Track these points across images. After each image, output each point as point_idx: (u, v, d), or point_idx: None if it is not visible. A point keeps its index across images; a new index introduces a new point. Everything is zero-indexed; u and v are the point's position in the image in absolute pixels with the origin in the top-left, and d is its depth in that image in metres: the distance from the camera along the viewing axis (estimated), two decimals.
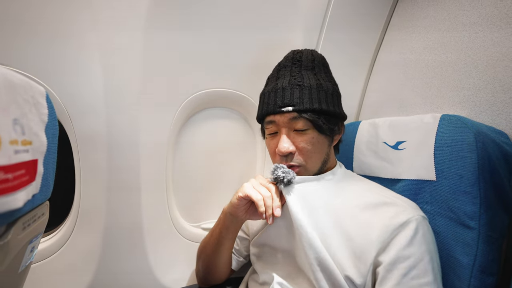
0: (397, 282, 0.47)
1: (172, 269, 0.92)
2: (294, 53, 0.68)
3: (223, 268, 0.76)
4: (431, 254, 0.50)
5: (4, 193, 0.29)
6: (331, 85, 0.66)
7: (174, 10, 0.78)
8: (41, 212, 0.44)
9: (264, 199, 0.57)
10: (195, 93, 0.90)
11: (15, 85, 0.32)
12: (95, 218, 0.82)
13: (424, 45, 0.80)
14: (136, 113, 0.81)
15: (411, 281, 0.47)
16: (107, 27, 0.74)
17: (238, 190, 0.62)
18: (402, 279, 0.47)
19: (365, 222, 0.55)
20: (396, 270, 0.48)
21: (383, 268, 0.49)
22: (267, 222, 0.57)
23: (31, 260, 0.47)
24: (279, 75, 0.67)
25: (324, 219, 0.58)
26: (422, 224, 0.52)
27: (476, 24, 0.67)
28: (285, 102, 0.61)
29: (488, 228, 0.54)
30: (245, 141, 1.06)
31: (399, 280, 0.47)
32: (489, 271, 0.54)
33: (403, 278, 0.47)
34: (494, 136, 0.56)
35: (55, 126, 0.45)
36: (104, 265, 0.83)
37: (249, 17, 0.86)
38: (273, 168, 0.60)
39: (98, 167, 0.81)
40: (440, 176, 0.61)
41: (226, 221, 0.68)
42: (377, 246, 0.51)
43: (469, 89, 0.67)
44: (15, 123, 0.31)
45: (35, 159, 0.37)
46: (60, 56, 0.72)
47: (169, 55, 0.82)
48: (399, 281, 0.47)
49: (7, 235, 0.34)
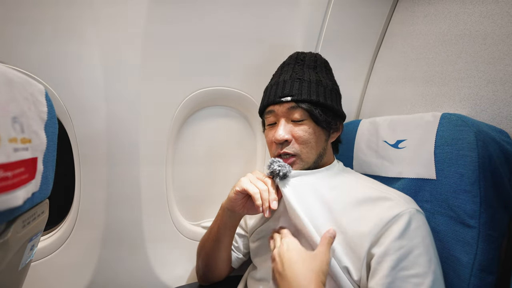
0: (386, 273, 0.47)
1: (172, 267, 0.92)
2: (298, 54, 0.73)
3: (222, 265, 0.77)
4: (425, 247, 0.50)
5: (3, 191, 0.29)
6: (331, 83, 0.69)
7: (174, 9, 0.78)
8: (41, 210, 0.44)
9: (261, 193, 0.59)
10: (195, 91, 0.90)
11: (14, 83, 0.32)
12: (95, 216, 0.82)
13: (425, 43, 0.80)
14: (136, 111, 0.81)
15: (399, 272, 0.47)
16: (107, 25, 0.74)
17: (235, 185, 0.64)
18: (391, 271, 0.47)
19: (359, 216, 0.55)
20: (386, 262, 0.48)
21: (374, 260, 0.50)
22: (264, 215, 0.58)
23: (31, 258, 0.47)
24: (283, 71, 0.71)
25: (320, 213, 0.59)
26: (416, 217, 0.52)
27: (477, 22, 0.67)
28: (284, 93, 0.65)
29: (488, 227, 0.54)
30: (245, 139, 1.06)
31: (388, 272, 0.47)
32: (489, 270, 0.54)
33: (392, 270, 0.47)
34: (494, 135, 0.56)
35: (54, 124, 0.45)
36: (104, 263, 0.83)
37: (249, 16, 0.85)
38: (270, 162, 0.62)
39: (97, 165, 0.80)
40: (440, 175, 0.61)
41: (224, 216, 0.69)
42: (370, 239, 0.51)
43: (469, 88, 0.67)
44: (14, 121, 0.31)
45: (34, 157, 0.37)
46: (60, 54, 0.72)
47: (169, 54, 0.82)
48: (388, 273, 0.47)
49: (7, 233, 0.35)
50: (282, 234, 0.56)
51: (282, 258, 0.50)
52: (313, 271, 0.47)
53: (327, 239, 0.52)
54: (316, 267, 0.48)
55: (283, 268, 0.49)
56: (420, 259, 0.49)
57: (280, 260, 0.50)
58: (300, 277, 0.46)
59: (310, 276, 0.46)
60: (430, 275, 0.48)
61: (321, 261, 0.49)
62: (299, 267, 0.48)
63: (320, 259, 0.49)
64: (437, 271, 0.50)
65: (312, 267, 0.48)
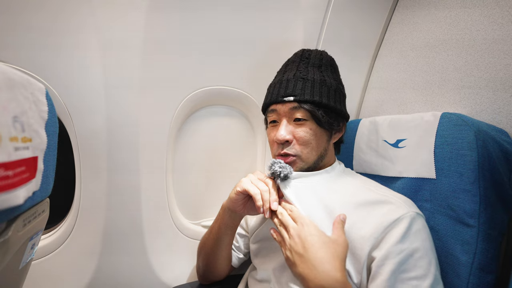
0: (387, 277, 0.48)
1: (173, 266, 0.92)
2: (304, 51, 0.71)
3: (223, 264, 0.77)
4: (425, 250, 0.50)
5: (4, 190, 0.29)
6: (336, 83, 0.68)
7: (174, 8, 0.78)
8: (42, 209, 0.44)
9: (262, 193, 0.59)
10: (195, 90, 0.90)
11: (15, 82, 0.32)
12: (96, 215, 0.82)
13: (425, 42, 0.80)
14: (136, 111, 0.81)
15: (399, 275, 0.48)
16: (107, 24, 0.74)
17: (236, 185, 0.64)
18: (392, 275, 0.48)
19: (360, 219, 0.55)
20: (387, 266, 0.48)
21: (375, 263, 0.50)
22: (264, 215, 0.58)
23: (31, 257, 0.47)
24: (287, 69, 0.70)
25: (320, 215, 0.59)
26: (416, 221, 0.52)
27: (478, 22, 0.67)
28: (287, 92, 0.64)
29: (487, 226, 0.54)
30: (245, 138, 1.06)
31: (389, 275, 0.48)
32: (488, 269, 0.54)
33: (393, 273, 0.48)
34: (494, 134, 0.56)
35: (55, 123, 0.45)
36: (104, 262, 0.83)
37: (249, 15, 0.85)
38: (271, 163, 0.61)
39: (98, 165, 0.81)
40: (440, 174, 0.61)
41: (225, 216, 0.69)
42: (370, 242, 0.51)
43: (469, 87, 0.67)
44: (15, 120, 0.31)
45: (35, 156, 0.37)
46: (60, 54, 0.72)
47: (169, 53, 0.82)
48: (389, 277, 0.48)
49: (7, 232, 0.35)
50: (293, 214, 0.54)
51: (303, 241, 0.50)
52: (339, 257, 0.48)
53: (340, 223, 0.53)
54: (341, 254, 0.49)
55: (305, 250, 0.49)
56: (420, 262, 0.49)
57: (300, 242, 0.50)
58: (326, 265, 0.47)
59: (335, 263, 0.47)
60: (429, 277, 0.48)
61: (343, 247, 0.50)
62: (324, 252, 0.48)
63: (343, 245, 0.50)
64: (436, 274, 0.50)
65: (337, 253, 0.49)
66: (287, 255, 0.52)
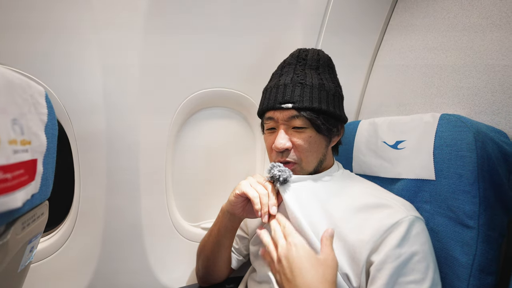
0: (385, 281, 0.47)
1: (172, 269, 0.92)
2: (300, 51, 0.68)
3: (222, 266, 0.77)
4: (424, 254, 0.50)
5: (3, 193, 0.29)
6: (334, 86, 0.66)
7: (174, 10, 0.78)
8: (41, 212, 0.44)
9: (260, 197, 0.58)
10: (195, 92, 0.90)
11: (14, 85, 0.32)
12: (95, 218, 0.82)
13: (424, 44, 0.80)
14: (135, 113, 0.81)
15: (398, 279, 0.48)
16: (107, 27, 0.74)
17: (235, 188, 0.63)
18: (390, 279, 0.47)
19: (359, 223, 0.55)
20: (385, 270, 0.48)
21: (374, 267, 0.50)
22: (262, 220, 0.57)
23: (30, 259, 0.47)
24: (283, 71, 0.67)
25: (320, 219, 0.58)
26: (415, 224, 0.52)
27: (476, 24, 0.67)
28: (285, 99, 0.61)
29: (487, 228, 0.54)
30: (244, 140, 1.06)
31: (388, 280, 0.47)
32: (488, 270, 0.54)
33: (391, 277, 0.48)
34: (493, 136, 0.56)
35: (54, 126, 0.45)
36: (103, 265, 0.83)
37: (248, 16, 0.86)
38: (270, 167, 0.61)
39: (97, 167, 0.81)
40: (439, 176, 0.61)
41: (224, 219, 0.68)
42: (369, 246, 0.51)
43: (468, 89, 0.67)
44: (14, 123, 0.31)
45: (34, 159, 0.37)
46: (60, 56, 0.72)
47: (169, 55, 0.82)
48: (387, 281, 0.47)
49: (6, 234, 0.35)
50: (286, 231, 0.52)
51: (291, 264, 0.47)
52: (327, 281, 0.46)
53: (329, 239, 0.51)
54: (329, 276, 0.46)
55: (293, 275, 0.46)
56: (418, 266, 0.49)
57: (288, 265, 0.47)
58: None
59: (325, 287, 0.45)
60: (427, 281, 0.48)
61: (332, 268, 0.47)
62: (312, 276, 0.45)
63: (331, 265, 0.48)
64: (435, 277, 0.50)
65: (325, 276, 0.46)
66: (276, 279, 0.50)
